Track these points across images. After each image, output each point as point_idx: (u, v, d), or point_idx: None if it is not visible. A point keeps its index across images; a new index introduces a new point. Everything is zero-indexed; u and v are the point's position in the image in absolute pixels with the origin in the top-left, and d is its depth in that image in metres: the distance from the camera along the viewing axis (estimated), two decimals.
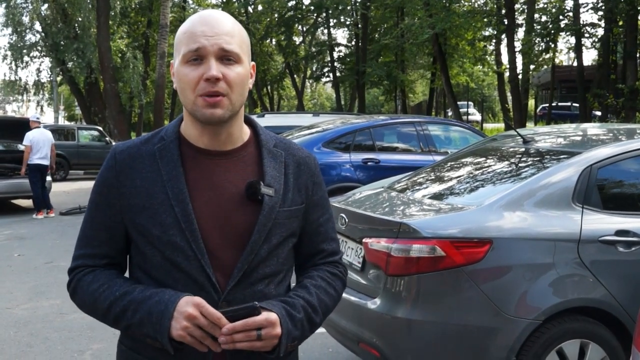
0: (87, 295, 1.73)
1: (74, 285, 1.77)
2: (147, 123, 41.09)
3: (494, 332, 3.56)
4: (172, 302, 1.59)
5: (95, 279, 1.73)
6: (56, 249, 9.77)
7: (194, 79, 1.63)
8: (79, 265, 1.77)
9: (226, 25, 1.66)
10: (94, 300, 1.71)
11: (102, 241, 1.75)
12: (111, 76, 25.15)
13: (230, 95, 1.64)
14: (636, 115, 19.15)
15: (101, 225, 1.74)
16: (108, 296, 1.68)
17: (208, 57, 1.62)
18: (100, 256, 1.76)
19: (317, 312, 1.77)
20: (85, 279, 1.74)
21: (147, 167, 1.71)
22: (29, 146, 12.60)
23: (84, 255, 1.77)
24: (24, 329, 5.96)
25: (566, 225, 3.69)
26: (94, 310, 1.74)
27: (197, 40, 1.62)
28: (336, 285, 1.88)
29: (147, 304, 1.63)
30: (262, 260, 1.72)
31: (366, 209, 4.34)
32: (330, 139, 9.03)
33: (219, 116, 1.64)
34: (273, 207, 1.72)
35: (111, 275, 1.74)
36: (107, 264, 1.77)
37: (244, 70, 1.68)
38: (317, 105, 67.13)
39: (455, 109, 29.19)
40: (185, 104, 1.68)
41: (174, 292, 1.63)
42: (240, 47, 1.67)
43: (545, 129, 5.66)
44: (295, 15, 39.16)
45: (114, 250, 1.77)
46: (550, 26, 23.50)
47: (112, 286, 1.70)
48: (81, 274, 1.75)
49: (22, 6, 28.12)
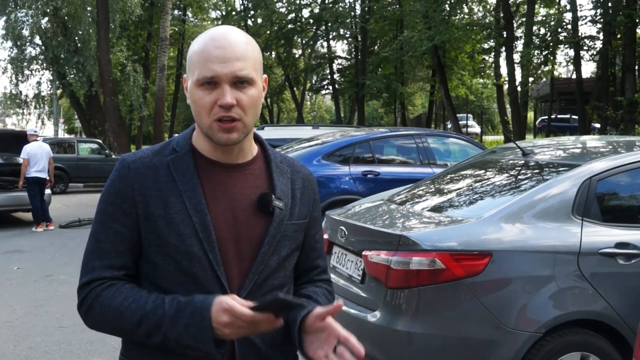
0: (110, 310, 1.66)
1: (90, 302, 1.69)
2: (146, 135, 41.17)
3: (494, 345, 3.55)
4: (207, 310, 1.59)
5: (117, 293, 1.67)
6: (55, 262, 9.76)
7: (208, 103, 1.64)
8: (95, 279, 1.70)
9: (240, 48, 1.66)
10: (119, 315, 1.65)
11: (119, 252, 1.71)
12: (111, 89, 25.21)
13: (244, 118, 1.66)
14: (635, 127, 19.17)
15: (118, 236, 1.71)
16: (137, 310, 1.64)
17: (222, 84, 1.63)
18: (118, 267, 1.71)
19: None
20: (106, 294, 1.68)
21: (161, 178, 1.71)
22: (26, 159, 12.68)
23: (100, 267, 1.70)
24: (24, 343, 5.94)
25: (566, 238, 3.70)
26: (119, 325, 1.67)
27: (210, 67, 1.63)
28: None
29: (183, 317, 1.61)
30: (272, 272, 1.74)
31: (366, 222, 4.34)
32: (330, 152, 9.03)
33: (235, 140, 1.67)
34: (282, 219, 1.76)
35: (134, 289, 1.69)
36: (125, 275, 1.72)
37: (257, 92, 1.69)
38: (316, 117, 67.24)
39: (455, 121, 29.23)
40: (200, 125, 1.70)
41: (203, 298, 1.62)
42: (254, 68, 1.68)
43: (544, 142, 5.66)
44: (295, 28, 39.32)
45: (131, 261, 1.73)
46: (549, 39, 23.57)
47: (138, 299, 1.66)
48: (99, 289, 1.69)
49: (23, 19, 28.20)
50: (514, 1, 28.01)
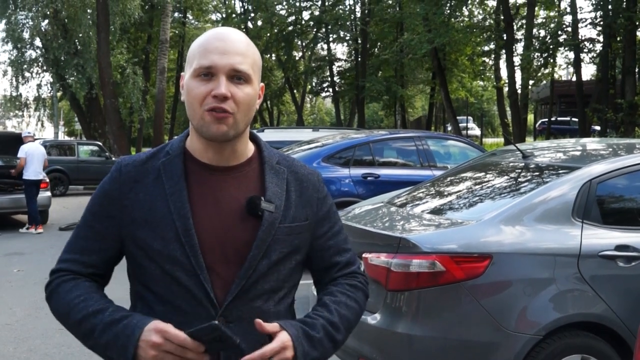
0: (62, 303, 1.70)
1: (51, 289, 1.74)
2: (146, 138, 41.13)
3: (494, 348, 3.55)
4: (139, 328, 1.58)
5: (74, 288, 1.71)
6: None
7: (202, 93, 1.63)
8: (62, 269, 1.75)
9: (240, 45, 1.67)
10: (67, 311, 1.69)
11: (92, 250, 1.74)
12: (111, 92, 25.20)
13: (236, 114, 1.64)
14: (635, 130, 19.17)
15: (96, 234, 1.74)
16: (81, 310, 1.66)
17: (219, 75, 1.63)
18: (87, 264, 1.75)
19: (338, 329, 1.76)
20: (64, 286, 1.72)
21: (151, 181, 1.71)
22: (24, 158, 12.77)
23: (71, 260, 1.75)
24: (23, 345, 5.94)
25: (566, 240, 3.70)
26: (65, 320, 1.71)
27: (209, 56, 1.63)
28: (357, 297, 1.86)
29: (116, 328, 1.61)
30: (262, 276, 1.71)
31: (366, 224, 4.34)
32: (330, 154, 9.04)
33: (224, 132, 1.65)
34: (273, 222, 1.72)
35: (91, 289, 1.72)
36: (91, 274, 1.75)
37: (253, 91, 1.68)
38: (316, 120, 67.22)
39: (455, 123, 29.22)
40: (191, 117, 1.68)
41: (142, 317, 1.62)
42: (252, 67, 1.68)
43: (544, 144, 5.66)
44: (295, 31, 39.33)
45: (102, 261, 1.76)
46: (549, 41, 23.58)
47: (87, 300, 1.68)
48: (61, 280, 1.73)
49: (23, 22, 28.20)
50: (514, 4, 28.02)
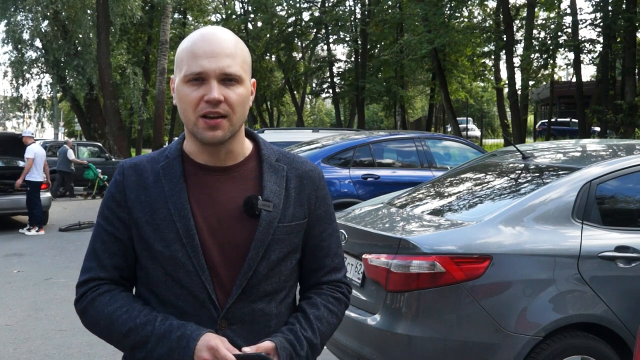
0: (103, 316, 1.69)
1: (86, 304, 1.72)
2: (146, 139, 41.17)
3: (494, 348, 3.55)
4: (194, 340, 1.60)
5: (112, 300, 1.70)
6: (55, 265, 9.75)
7: (194, 99, 1.63)
8: (91, 278, 1.73)
9: (228, 46, 1.65)
10: (110, 323, 1.68)
11: (113, 253, 1.73)
12: (111, 92, 25.24)
13: (231, 116, 1.64)
14: (635, 131, 19.18)
15: (112, 238, 1.73)
16: (126, 322, 1.66)
17: (210, 79, 1.62)
18: (112, 268, 1.73)
19: (315, 349, 1.78)
20: (101, 299, 1.70)
21: (151, 184, 1.71)
22: (31, 159, 12.66)
23: (95, 267, 1.74)
24: (23, 346, 5.94)
25: (566, 241, 3.69)
26: (107, 332, 1.70)
27: (199, 62, 1.62)
28: (339, 311, 1.86)
29: (169, 340, 1.62)
30: (263, 277, 1.70)
31: (366, 225, 4.33)
32: (330, 155, 9.04)
33: (219, 138, 1.65)
34: (271, 222, 1.70)
35: (129, 298, 1.72)
36: (119, 277, 1.75)
37: (245, 91, 1.68)
38: (316, 121, 67.30)
39: (455, 124, 29.21)
40: (186, 123, 1.68)
41: (196, 328, 1.63)
42: (242, 67, 1.67)
43: (544, 145, 5.66)
44: (295, 31, 39.36)
45: (125, 263, 1.75)
46: (549, 42, 23.59)
47: (130, 310, 1.68)
48: (95, 292, 1.72)
49: (23, 23, 28.23)
50: (514, 4, 28.04)
